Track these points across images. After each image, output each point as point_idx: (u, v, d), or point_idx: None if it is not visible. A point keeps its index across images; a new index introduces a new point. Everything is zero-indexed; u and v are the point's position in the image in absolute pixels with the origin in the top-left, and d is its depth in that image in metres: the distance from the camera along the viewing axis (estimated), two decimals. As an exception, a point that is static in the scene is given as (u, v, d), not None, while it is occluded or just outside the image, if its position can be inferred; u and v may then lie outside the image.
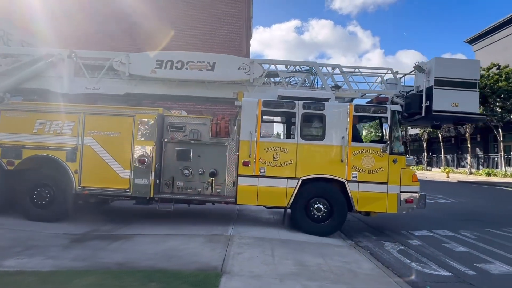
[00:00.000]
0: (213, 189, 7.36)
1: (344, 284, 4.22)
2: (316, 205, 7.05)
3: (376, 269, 4.88)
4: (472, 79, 7.13)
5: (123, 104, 8.30)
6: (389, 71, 8.25)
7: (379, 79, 8.58)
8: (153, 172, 7.11)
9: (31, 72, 7.86)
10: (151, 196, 7.12)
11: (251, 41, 19.72)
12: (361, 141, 7.02)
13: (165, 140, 7.33)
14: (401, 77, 8.34)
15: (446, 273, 4.95)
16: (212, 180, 7.34)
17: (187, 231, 6.69)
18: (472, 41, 38.46)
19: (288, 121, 7.24)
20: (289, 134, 7.14)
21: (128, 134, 7.16)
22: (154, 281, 4.01)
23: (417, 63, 7.32)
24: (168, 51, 7.74)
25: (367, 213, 7.42)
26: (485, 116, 7.51)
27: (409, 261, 5.51)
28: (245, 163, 7.07)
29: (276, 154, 7.08)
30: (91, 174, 7.14)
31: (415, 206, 6.95)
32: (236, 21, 15.44)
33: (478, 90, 7.12)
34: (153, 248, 5.44)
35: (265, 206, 7.75)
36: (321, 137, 7.06)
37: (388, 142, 6.91)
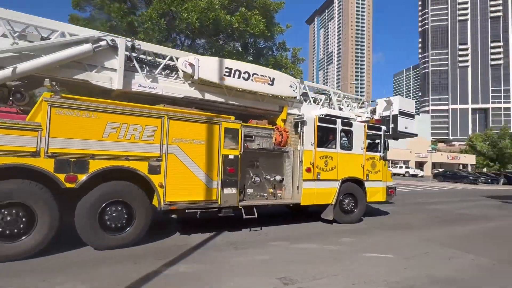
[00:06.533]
0: (276, 193, 8.07)
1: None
2: (346, 200, 9.13)
3: None
4: (412, 112, 11.29)
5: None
6: (364, 100, 11.40)
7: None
8: (239, 181, 7.11)
9: (69, 55, 5.87)
10: (237, 205, 7.10)
11: None
12: (369, 151, 9.67)
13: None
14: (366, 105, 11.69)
15: None
16: (277, 185, 8.06)
17: None
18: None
19: (330, 134, 8.95)
20: (332, 145, 8.86)
21: (215, 142, 6.84)
22: None
23: (387, 98, 10.80)
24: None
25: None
26: (417, 135, 11.73)
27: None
28: (308, 170, 8.28)
29: (326, 161, 8.68)
30: (177, 187, 6.34)
31: (394, 195, 10.32)
32: None
33: (414, 119, 11.34)
34: None
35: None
36: (350, 148, 9.24)
37: (384, 151, 9.94)
